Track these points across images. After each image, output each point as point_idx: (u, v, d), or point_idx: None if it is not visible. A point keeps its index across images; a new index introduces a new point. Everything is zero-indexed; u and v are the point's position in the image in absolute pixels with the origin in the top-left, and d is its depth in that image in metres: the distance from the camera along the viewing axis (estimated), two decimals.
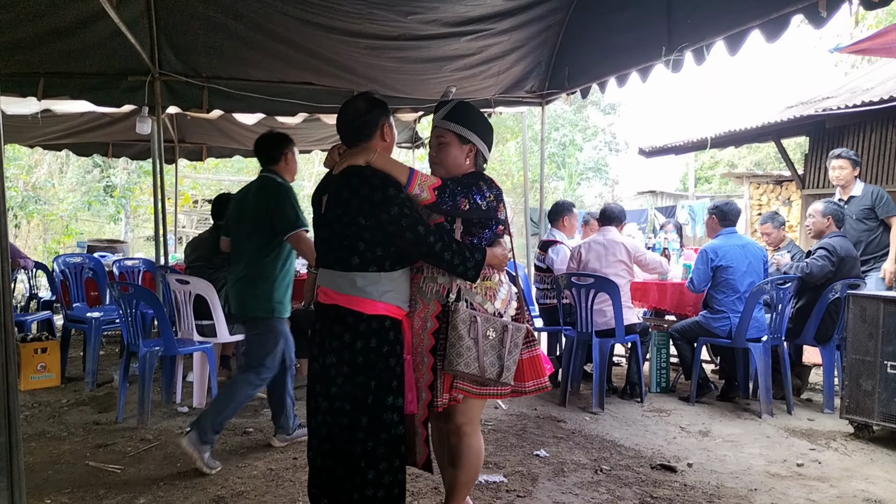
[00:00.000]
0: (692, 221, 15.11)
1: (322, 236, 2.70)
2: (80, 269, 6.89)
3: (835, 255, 5.29)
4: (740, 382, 5.55)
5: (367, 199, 2.53)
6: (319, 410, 2.64)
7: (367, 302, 2.55)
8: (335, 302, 2.60)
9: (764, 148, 19.99)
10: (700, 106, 39.94)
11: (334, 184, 2.65)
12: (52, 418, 4.90)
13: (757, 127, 9.88)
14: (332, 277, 2.63)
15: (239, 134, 9.17)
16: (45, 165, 18.18)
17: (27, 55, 5.43)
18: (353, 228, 2.56)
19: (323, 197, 2.71)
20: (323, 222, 2.69)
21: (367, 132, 2.70)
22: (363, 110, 2.70)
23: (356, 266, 2.56)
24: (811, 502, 3.59)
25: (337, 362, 2.58)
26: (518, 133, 21.91)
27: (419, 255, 2.63)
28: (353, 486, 2.54)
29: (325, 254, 2.68)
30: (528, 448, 4.33)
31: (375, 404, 2.54)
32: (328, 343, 2.60)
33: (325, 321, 2.64)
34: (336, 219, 2.61)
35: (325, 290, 2.66)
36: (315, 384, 2.67)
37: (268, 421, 4.83)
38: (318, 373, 2.65)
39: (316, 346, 2.68)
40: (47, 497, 3.50)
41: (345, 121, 2.72)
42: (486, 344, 2.66)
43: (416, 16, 5.36)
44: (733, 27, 4.14)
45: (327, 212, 2.66)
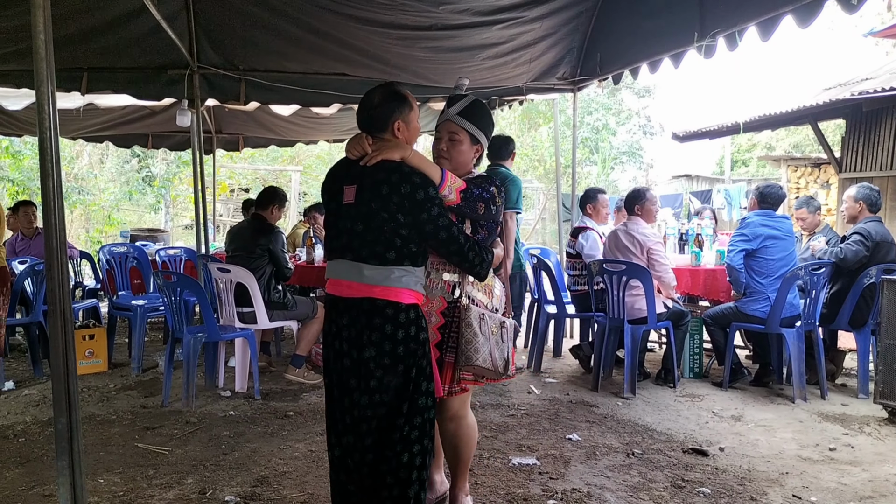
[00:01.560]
0: (728, 206, 14.93)
1: (349, 228, 2.56)
2: (124, 258, 7.10)
3: (869, 240, 5.26)
4: (774, 368, 5.55)
5: (408, 197, 2.49)
6: (357, 406, 2.56)
7: (404, 292, 2.55)
8: (369, 295, 2.53)
9: (802, 130, 19.65)
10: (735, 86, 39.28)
11: (367, 176, 2.54)
12: (100, 402, 5.09)
13: (792, 111, 9.76)
14: (362, 270, 2.54)
15: (274, 124, 9.33)
16: (86, 156, 18.60)
17: (71, 51, 5.61)
18: (391, 224, 2.50)
19: (346, 186, 2.59)
20: (352, 214, 2.56)
21: (379, 125, 2.62)
22: (375, 102, 2.63)
23: (392, 261, 2.52)
24: (843, 486, 3.62)
25: (377, 354, 2.52)
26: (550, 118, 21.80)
27: (446, 254, 2.63)
28: (390, 470, 2.56)
29: (358, 247, 2.54)
30: (561, 432, 4.41)
31: (415, 390, 2.56)
32: (366, 336, 2.52)
33: (357, 315, 2.54)
34: (372, 213, 2.51)
35: (350, 284, 2.57)
36: (349, 380, 2.57)
37: (308, 405, 4.98)
38: (350, 368, 2.56)
39: (344, 342, 2.57)
40: (100, 477, 3.67)
41: (361, 108, 2.67)
42: (493, 339, 2.80)
43: (448, 6, 5.42)
44: (766, 12, 4.12)
45: (360, 204, 2.53)
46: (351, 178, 2.59)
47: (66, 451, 2.36)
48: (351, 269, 2.56)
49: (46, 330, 5.94)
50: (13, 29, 5.26)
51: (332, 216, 2.67)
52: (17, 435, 4.35)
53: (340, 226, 2.60)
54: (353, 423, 2.57)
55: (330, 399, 2.67)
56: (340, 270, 2.60)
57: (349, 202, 2.57)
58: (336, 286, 2.61)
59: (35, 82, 2.34)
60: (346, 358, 2.57)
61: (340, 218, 2.61)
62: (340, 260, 2.60)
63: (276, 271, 5.51)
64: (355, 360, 2.55)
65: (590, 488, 3.55)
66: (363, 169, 2.55)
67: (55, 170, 2.34)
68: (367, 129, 2.64)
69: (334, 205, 2.64)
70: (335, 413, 2.64)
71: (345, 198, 2.58)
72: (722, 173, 20.28)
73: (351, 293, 2.56)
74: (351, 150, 2.63)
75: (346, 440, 2.60)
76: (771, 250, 5.25)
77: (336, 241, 2.62)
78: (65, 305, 2.33)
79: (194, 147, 6.63)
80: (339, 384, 2.61)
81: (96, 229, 16.31)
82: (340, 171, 2.67)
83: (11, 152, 13.68)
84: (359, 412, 2.55)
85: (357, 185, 2.56)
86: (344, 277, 2.59)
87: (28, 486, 3.56)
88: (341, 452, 2.63)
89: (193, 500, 3.41)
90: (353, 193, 2.56)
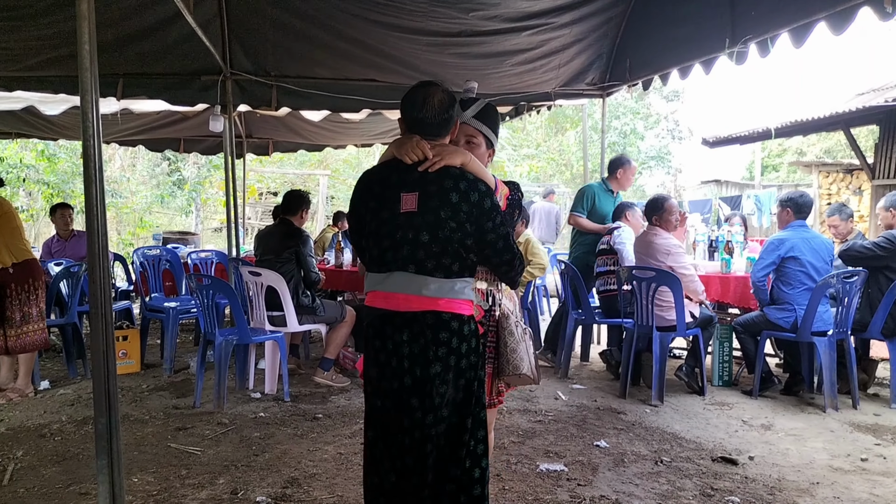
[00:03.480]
0: (758, 212, 14.78)
1: (411, 239, 2.38)
2: (157, 260, 7.22)
3: (892, 244, 5.23)
4: (804, 376, 5.50)
5: (476, 206, 2.39)
6: (420, 426, 2.39)
7: (465, 303, 2.45)
8: (433, 308, 2.38)
9: (834, 135, 19.39)
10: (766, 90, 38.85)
11: (432, 183, 2.39)
12: (133, 402, 5.18)
13: (824, 116, 9.65)
14: (428, 284, 2.38)
15: (304, 129, 9.42)
16: (118, 160, 18.92)
17: (108, 57, 5.71)
18: (458, 234, 2.38)
19: (405, 193, 2.40)
20: (415, 223, 2.38)
21: (437, 129, 2.49)
22: (436, 105, 2.47)
23: (456, 272, 2.40)
24: (874, 497, 3.58)
25: (442, 370, 2.39)
26: (577, 122, 21.77)
27: (498, 263, 2.53)
28: (461, 488, 2.46)
29: (423, 258, 2.37)
30: (589, 439, 4.41)
31: (476, 403, 2.48)
32: (431, 352, 2.37)
33: (421, 329, 2.38)
34: (441, 223, 2.36)
35: (408, 297, 2.40)
36: (410, 399, 2.39)
37: (336, 407, 5.03)
38: (412, 386, 2.39)
39: (405, 359, 2.39)
40: (134, 476, 3.74)
41: (414, 109, 2.48)
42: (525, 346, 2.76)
43: (478, 12, 5.46)
44: (798, 19, 4.11)
45: (425, 213, 2.37)
46: (410, 184, 2.40)
47: (105, 450, 2.42)
48: (412, 282, 2.39)
49: (81, 331, 6.07)
50: (52, 36, 5.38)
51: (384, 225, 2.42)
52: (54, 434, 4.45)
53: (398, 236, 2.39)
54: (414, 444, 2.41)
55: (378, 423, 2.48)
56: (397, 284, 2.41)
57: (410, 210, 2.38)
58: (390, 300, 2.43)
59: (80, 91, 2.39)
60: (406, 376, 2.39)
61: (397, 227, 2.40)
62: (400, 273, 2.40)
63: (304, 276, 5.57)
64: (419, 378, 2.39)
65: (618, 495, 3.55)
66: (424, 175, 2.40)
67: (98, 176, 2.41)
68: (422, 132, 2.48)
69: (387, 213, 2.42)
70: (389, 436, 2.45)
71: (403, 206, 2.39)
72: (752, 178, 20.06)
73: (410, 307, 2.39)
74: (408, 154, 2.42)
75: (405, 463, 2.42)
76: (800, 261, 5.20)
77: (391, 253, 2.41)
78: (106, 308, 2.40)
79: (226, 152, 6.72)
80: (398, 405, 2.41)
81: (128, 232, 16.56)
82: (392, 177, 2.45)
83: (47, 155, 13.94)
84: (421, 432, 2.40)
85: (420, 192, 2.38)
86: (402, 291, 2.41)
87: (65, 485, 3.64)
88: (397, 477, 2.44)
89: (225, 500, 3.46)
90: (414, 201, 2.38)
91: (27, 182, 14.47)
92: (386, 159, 2.53)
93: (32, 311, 5.18)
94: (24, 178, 14.20)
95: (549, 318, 7.08)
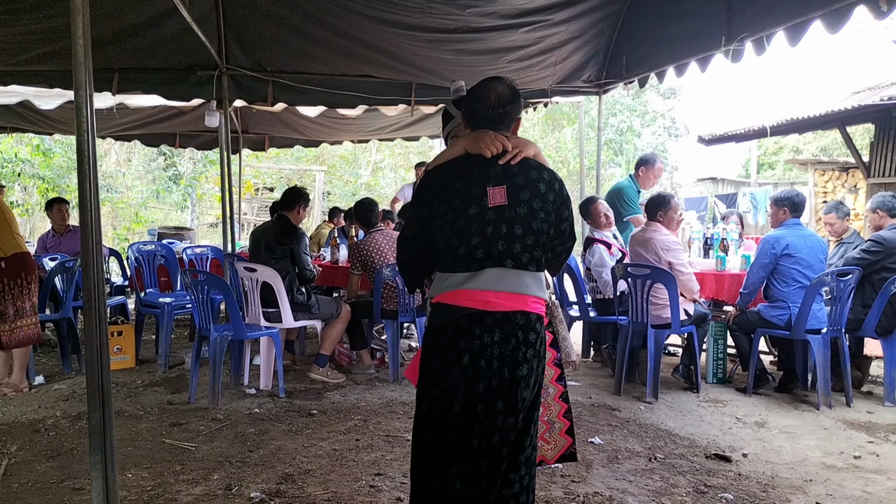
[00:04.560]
0: (754, 209, 14.82)
1: (505, 233, 2.31)
2: (152, 256, 7.21)
3: (882, 246, 5.27)
4: (799, 374, 5.51)
5: (559, 195, 2.41)
6: (500, 429, 2.33)
7: (542, 302, 2.42)
8: (522, 307, 2.34)
9: (830, 133, 19.43)
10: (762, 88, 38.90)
11: (518, 175, 2.36)
12: (128, 398, 5.17)
13: (820, 115, 9.66)
14: (524, 279, 2.34)
15: (300, 125, 9.42)
16: (113, 155, 18.88)
17: (103, 52, 5.69)
18: (546, 225, 2.37)
19: (492, 188, 2.34)
20: (506, 217, 2.32)
21: (508, 122, 2.49)
22: (507, 99, 2.46)
23: (542, 266, 2.40)
24: (867, 494, 3.59)
25: (527, 372, 2.33)
26: (574, 119, 21.77)
27: (562, 251, 2.54)
28: (514, 495, 2.40)
29: (519, 252, 2.32)
30: (583, 435, 4.42)
31: (538, 406, 2.47)
32: (522, 354, 2.31)
33: (512, 330, 2.31)
34: (533, 214, 2.34)
35: (499, 295, 2.32)
36: (495, 402, 2.31)
37: (331, 403, 5.03)
38: (498, 388, 2.30)
39: (494, 360, 2.29)
40: (129, 471, 3.74)
41: (484, 103, 2.46)
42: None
43: (475, 9, 5.46)
44: (794, 17, 4.11)
45: (516, 205, 2.33)
46: (495, 178, 2.35)
47: (99, 445, 2.42)
48: (507, 277, 2.33)
49: (76, 326, 6.06)
50: (47, 30, 5.37)
51: (473, 221, 2.32)
52: (48, 429, 4.44)
53: (489, 231, 2.31)
54: (491, 448, 2.33)
55: (446, 426, 2.35)
56: (491, 281, 2.32)
57: (500, 204, 2.33)
58: (479, 298, 2.31)
59: (74, 85, 2.38)
60: (494, 378, 2.30)
61: (487, 223, 2.32)
62: (494, 269, 2.32)
63: (298, 273, 5.57)
64: (506, 380, 2.30)
65: (612, 492, 3.56)
66: (507, 168, 2.37)
67: (92, 171, 2.41)
68: (493, 125, 2.46)
69: (475, 209, 2.32)
70: (460, 440, 2.34)
71: (491, 200, 2.33)
72: (748, 176, 20.12)
73: (500, 306, 2.31)
74: (489, 148, 2.36)
75: (477, 468, 2.34)
76: (795, 258, 5.22)
77: (483, 249, 2.31)
78: (100, 304, 2.39)
79: (222, 147, 6.72)
80: (483, 409, 2.31)
81: (123, 227, 16.55)
82: (473, 172, 2.37)
83: (42, 150, 13.91)
84: (501, 436, 2.33)
85: (507, 185, 2.34)
86: (494, 288, 2.32)
87: (59, 480, 3.63)
88: (464, 483, 2.34)
89: (219, 495, 3.46)
90: (503, 194, 2.33)
91: (22, 177, 14.45)
92: (453, 155, 2.45)
93: (26, 305, 5.16)
94: (19, 172, 14.18)
95: None
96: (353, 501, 3.41)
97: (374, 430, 4.46)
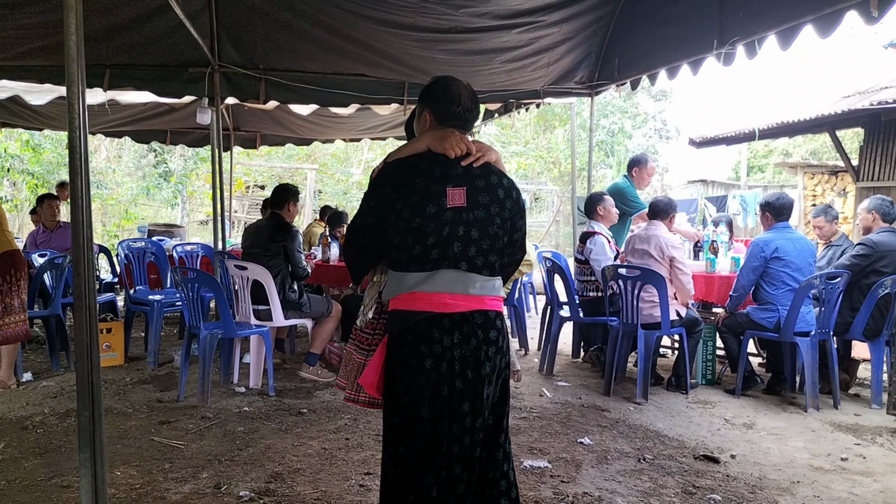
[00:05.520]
0: (744, 212, 14.89)
1: (460, 235, 2.30)
2: (142, 253, 7.18)
3: (873, 250, 5.30)
4: (787, 376, 5.55)
5: (516, 203, 2.44)
6: (470, 430, 2.32)
7: (500, 300, 2.43)
8: (480, 307, 2.33)
9: (820, 136, 19.54)
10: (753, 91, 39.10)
11: (479, 178, 2.36)
12: (117, 395, 5.15)
13: (810, 119, 9.73)
14: (475, 282, 2.32)
15: (292, 123, 9.40)
16: (104, 151, 18.79)
17: (94, 48, 5.67)
18: (500, 231, 2.37)
19: (451, 188, 2.32)
20: (463, 219, 2.31)
21: (470, 125, 2.52)
22: (470, 102, 2.49)
23: (497, 270, 2.39)
24: (854, 496, 3.62)
25: (490, 370, 2.33)
26: (566, 121, 21.80)
27: (510, 262, 2.53)
28: (501, 493, 2.42)
29: (473, 256, 2.31)
30: (573, 436, 4.43)
31: (507, 401, 2.48)
32: (483, 352, 2.31)
33: (471, 330, 2.30)
34: (490, 219, 2.34)
35: (455, 297, 2.31)
36: (461, 404, 2.29)
37: (321, 402, 5.03)
38: (463, 390, 2.28)
39: (456, 362, 2.28)
40: (117, 469, 3.72)
41: (452, 104, 2.45)
42: None
43: (468, 9, 5.46)
44: (786, 21, 4.14)
45: (474, 208, 2.32)
46: (455, 179, 2.33)
47: (87, 443, 2.40)
48: (461, 280, 2.31)
49: (65, 323, 6.03)
50: (38, 25, 5.34)
51: (430, 221, 2.29)
52: (36, 426, 4.42)
53: (445, 232, 2.29)
54: (463, 451, 2.32)
55: (417, 435, 2.31)
56: (445, 283, 2.30)
57: (459, 205, 2.31)
58: (435, 301, 2.30)
59: (66, 81, 2.37)
60: (457, 380, 2.28)
61: (444, 223, 2.30)
62: (448, 271, 2.30)
63: (291, 270, 5.56)
64: (470, 381, 2.30)
65: (601, 492, 3.57)
66: (468, 170, 2.36)
67: (84, 167, 2.40)
68: (456, 125, 2.46)
69: (433, 208, 2.29)
70: (432, 447, 2.31)
71: (450, 201, 2.31)
72: (738, 179, 20.19)
73: (457, 307, 2.30)
74: (453, 149, 2.35)
75: (452, 473, 2.31)
76: (785, 261, 5.25)
77: (438, 250, 2.29)
78: (90, 301, 2.38)
79: (213, 144, 6.69)
80: (447, 411, 2.29)
81: (113, 223, 16.46)
82: (434, 171, 2.34)
83: (32, 146, 13.82)
84: (471, 437, 2.32)
85: (467, 187, 2.33)
86: (449, 290, 2.30)
87: (47, 477, 3.62)
88: (440, 490, 2.31)
89: (208, 494, 3.45)
90: (462, 196, 2.32)
91: (11, 172, 14.35)
92: (415, 151, 2.42)
93: (14, 302, 5.13)
94: (8, 168, 14.08)
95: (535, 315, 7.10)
96: (342, 500, 3.41)
97: (364, 430, 4.46)
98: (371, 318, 2.59)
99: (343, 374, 2.70)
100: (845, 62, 35.82)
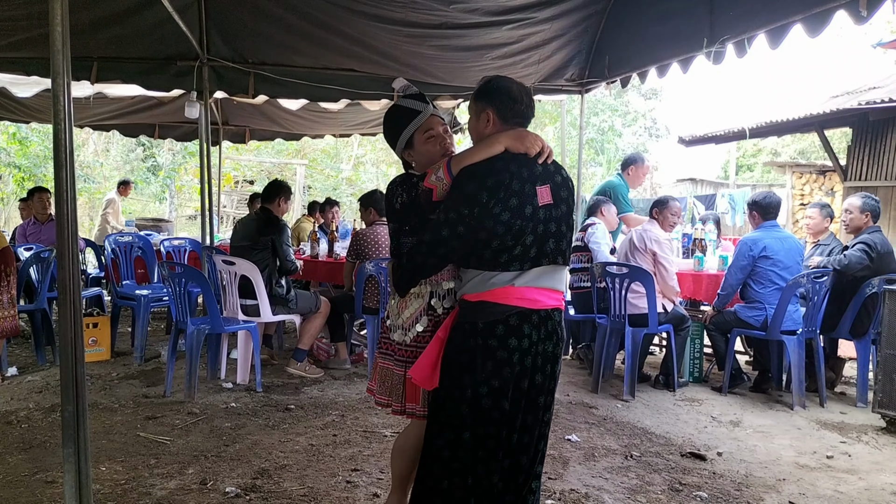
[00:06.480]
0: (732, 210, 14.94)
1: (554, 231, 2.40)
2: (129, 247, 7.13)
3: (874, 251, 5.29)
4: (773, 374, 5.57)
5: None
6: (539, 423, 2.46)
7: None
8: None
9: (808, 136, 19.65)
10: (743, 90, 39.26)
11: (555, 174, 2.45)
12: (103, 391, 5.12)
13: (799, 118, 9.77)
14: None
15: (281, 118, 9.34)
16: (91, 144, 18.66)
17: (82, 40, 5.60)
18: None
19: (539, 186, 2.38)
20: (553, 216, 2.40)
21: (529, 121, 2.54)
22: (532, 97, 2.54)
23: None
24: (839, 494, 3.64)
25: (552, 371, 2.46)
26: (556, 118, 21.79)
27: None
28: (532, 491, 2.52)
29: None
30: (560, 433, 4.44)
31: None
32: (552, 350, 2.43)
33: (553, 326, 2.43)
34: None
35: (549, 293, 2.41)
36: (538, 398, 2.42)
37: (309, 398, 5.01)
38: (541, 384, 2.42)
39: (539, 357, 2.39)
40: (102, 465, 3.70)
41: (519, 101, 2.47)
42: None
43: (458, 5, 5.43)
44: (775, 20, 4.14)
45: (558, 204, 2.42)
46: (540, 177, 2.39)
47: (72, 438, 2.38)
48: (554, 275, 2.43)
49: (50, 317, 5.99)
50: (24, 17, 5.27)
51: (528, 220, 2.34)
52: (21, 421, 4.39)
53: (540, 230, 2.36)
54: (532, 441, 2.45)
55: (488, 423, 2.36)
56: (542, 279, 2.39)
57: (548, 203, 2.38)
58: (528, 297, 2.37)
59: (51, 73, 2.34)
60: (538, 374, 2.40)
61: (538, 221, 2.36)
62: (546, 267, 2.39)
63: (279, 265, 5.53)
64: (548, 376, 2.44)
65: (588, 489, 3.58)
66: (545, 167, 2.43)
67: (69, 160, 2.38)
68: (522, 123, 2.50)
69: (529, 208, 2.33)
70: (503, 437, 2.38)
71: (540, 199, 2.36)
72: (727, 178, 20.26)
73: (544, 304, 2.40)
74: (533, 146, 2.40)
75: (517, 462, 2.43)
76: (773, 260, 5.26)
77: (536, 248, 2.35)
78: (75, 295, 2.36)
79: (202, 139, 6.64)
80: (526, 404, 2.40)
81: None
82: (522, 171, 2.36)
83: (19, 138, 13.71)
84: (540, 430, 2.47)
85: (550, 184, 2.41)
86: (540, 285, 2.39)
87: (31, 473, 3.59)
88: (501, 478, 2.42)
89: (194, 490, 3.43)
90: (548, 193, 2.39)
91: None
92: (493, 153, 2.38)
93: (3, 297, 5.09)
94: None
95: None
96: (329, 497, 3.40)
97: (352, 426, 4.45)
98: (420, 331, 2.58)
99: (382, 390, 2.70)
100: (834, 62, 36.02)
